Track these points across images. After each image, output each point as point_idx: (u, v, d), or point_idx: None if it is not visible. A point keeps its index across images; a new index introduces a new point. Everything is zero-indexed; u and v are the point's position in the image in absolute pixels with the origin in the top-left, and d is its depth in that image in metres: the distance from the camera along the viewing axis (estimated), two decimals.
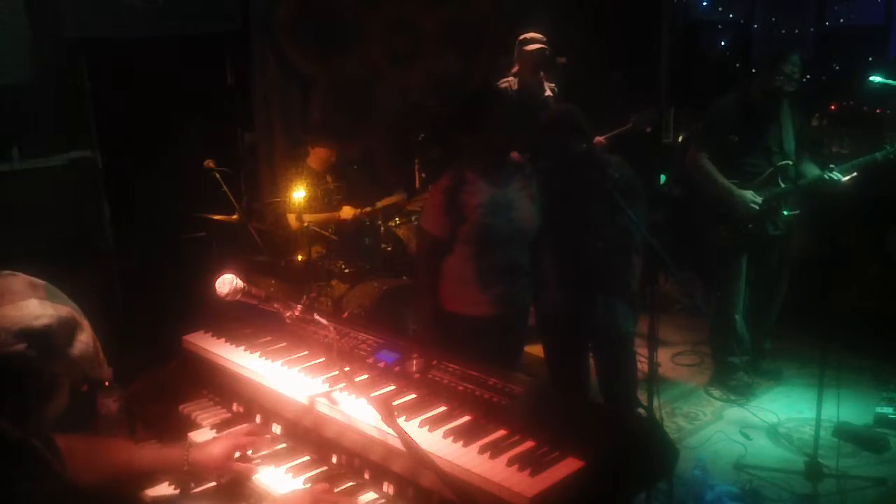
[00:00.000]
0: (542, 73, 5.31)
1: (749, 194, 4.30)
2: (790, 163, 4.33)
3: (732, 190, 4.32)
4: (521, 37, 5.27)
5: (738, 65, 8.04)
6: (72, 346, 1.50)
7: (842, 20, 7.61)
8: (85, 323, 1.57)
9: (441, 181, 3.27)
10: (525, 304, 3.44)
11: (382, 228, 5.21)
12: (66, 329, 1.50)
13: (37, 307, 1.47)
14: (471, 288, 3.21)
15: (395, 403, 1.98)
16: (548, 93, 5.33)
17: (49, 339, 1.47)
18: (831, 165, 4.34)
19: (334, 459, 2.08)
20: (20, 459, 1.44)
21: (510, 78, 5.33)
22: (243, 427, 2.21)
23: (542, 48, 5.20)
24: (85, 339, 1.55)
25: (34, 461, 1.48)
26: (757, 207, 4.30)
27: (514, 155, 3.32)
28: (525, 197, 3.26)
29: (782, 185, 4.33)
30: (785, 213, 4.39)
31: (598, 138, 5.06)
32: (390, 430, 1.79)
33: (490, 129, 3.16)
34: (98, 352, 1.60)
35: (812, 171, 4.39)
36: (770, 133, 4.34)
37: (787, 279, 4.65)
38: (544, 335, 3.73)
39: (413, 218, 5.21)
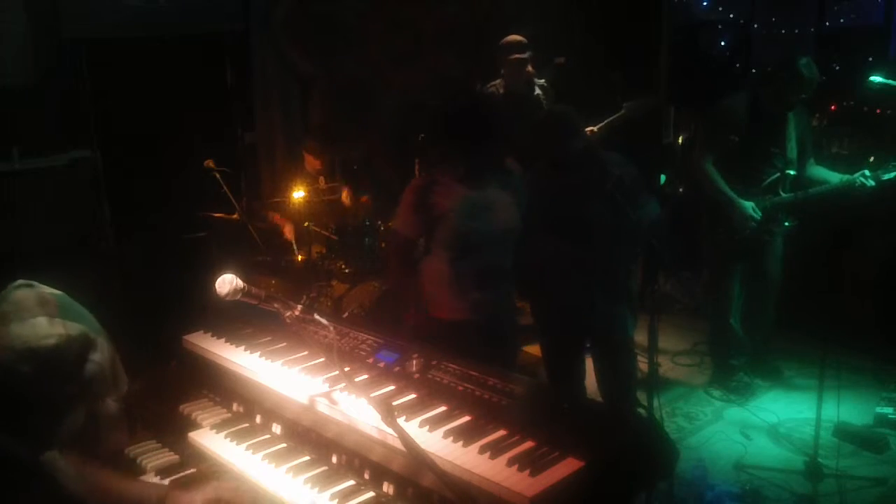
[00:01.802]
0: (528, 72, 5.18)
1: (749, 207, 4.26)
2: (793, 172, 4.28)
3: (734, 201, 4.27)
4: (501, 41, 5.13)
5: (738, 65, 8.03)
6: (83, 368, 1.42)
7: (842, 20, 7.59)
8: (100, 340, 1.48)
9: (413, 182, 3.27)
10: (508, 308, 3.35)
11: (382, 228, 5.21)
12: (76, 349, 1.41)
13: (45, 326, 1.39)
14: (449, 292, 3.16)
15: (395, 403, 1.98)
16: (537, 91, 5.19)
17: (56, 361, 1.38)
18: (865, 172, 4.19)
19: (334, 459, 2.08)
20: (32, 484, 1.39)
21: (498, 80, 5.25)
22: (232, 483, 2.04)
23: (520, 59, 5.04)
24: (98, 360, 1.45)
25: (47, 486, 1.42)
26: (755, 224, 4.27)
27: (511, 162, 3.30)
28: (505, 200, 3.21)
29: (783, 195, 4.30)
30: (787, 224, 4.37)
31: (590, 128, 4.98)
32: (390, 430, 1.78)
33: (465, 137, 3.11)
34: (113, 368, 1.51)
35: (820, 173, 4.34)
36: (776, 139, 4.28)
37: (782, 280, 4.62)
38: (542, 336, 3.73)
39: None
